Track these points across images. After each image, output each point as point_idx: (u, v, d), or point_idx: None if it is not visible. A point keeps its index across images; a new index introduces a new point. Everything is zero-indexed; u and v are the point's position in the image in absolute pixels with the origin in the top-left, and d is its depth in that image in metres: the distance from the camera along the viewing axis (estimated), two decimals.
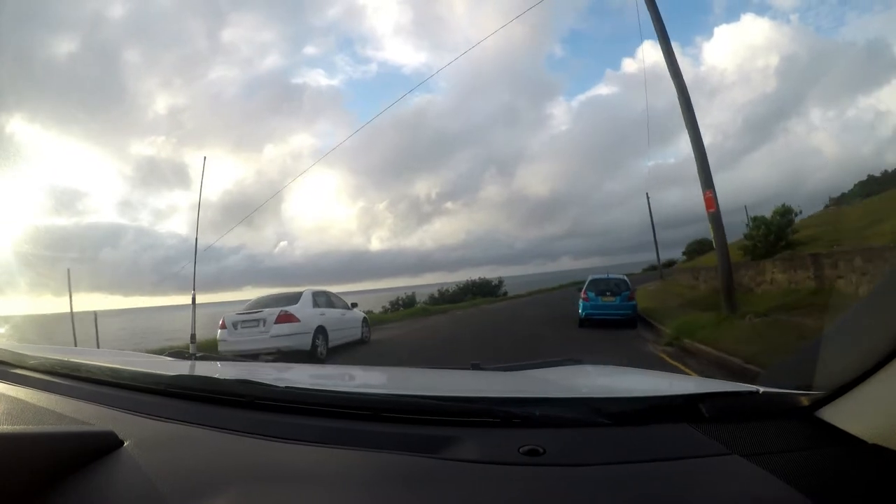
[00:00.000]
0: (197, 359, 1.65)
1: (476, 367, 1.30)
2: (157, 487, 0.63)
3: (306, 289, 8.92)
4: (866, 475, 0.60)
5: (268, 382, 0.89)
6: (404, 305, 23.50)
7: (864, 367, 0.60)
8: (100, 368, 1.11)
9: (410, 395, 0.89)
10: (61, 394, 0.98)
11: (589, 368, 1.33)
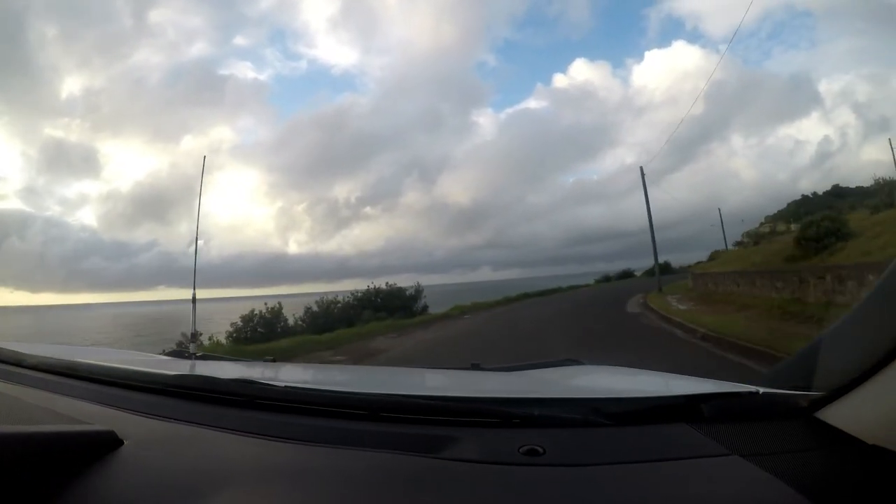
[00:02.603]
0: (197, 358, 1.65)
1: (476, 366, 1.31)
2: (158, 487, 0.63)
3: None
4: (866, 476, 0.60)
5: (268, 382, 0.89)
6: (262, 326, 14.17)
7: (864, 367, 0.60)
8: (100, 367, 1.11)
9: (410, 395, 0.88)
10: (61, 393, 0.98)
11: (589, 368, 1.33)
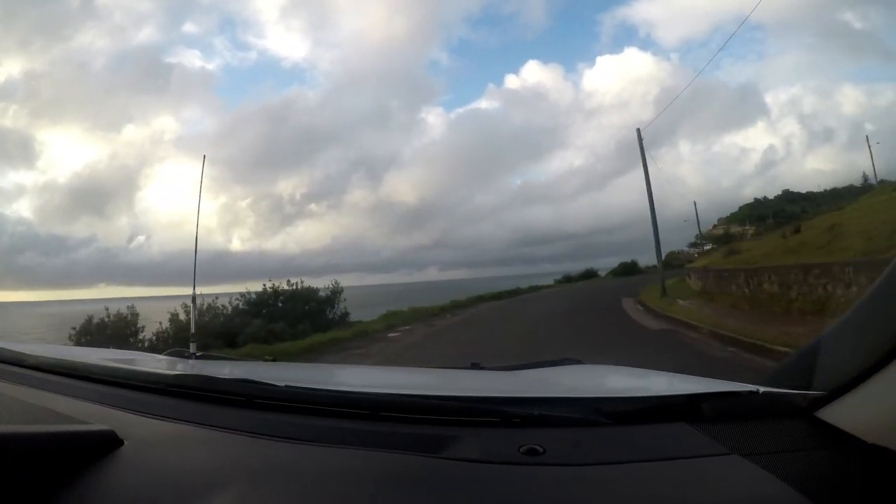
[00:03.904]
0: (197, 358, 1.65)
1: (476, 366, 1.31)
2: (158, 487, 0.63)
3: None
4: (866, 475, 0.60)
5: (268, 382, 0.88)
6: (113, 339, 10.21)
7: (864, 367, 0.60)
8: (100, 367, 1.11)
9: (410, 394, 0.88)
10: (61, 393, 0.98)
11: (589, 368, 1.33)
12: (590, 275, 48.08)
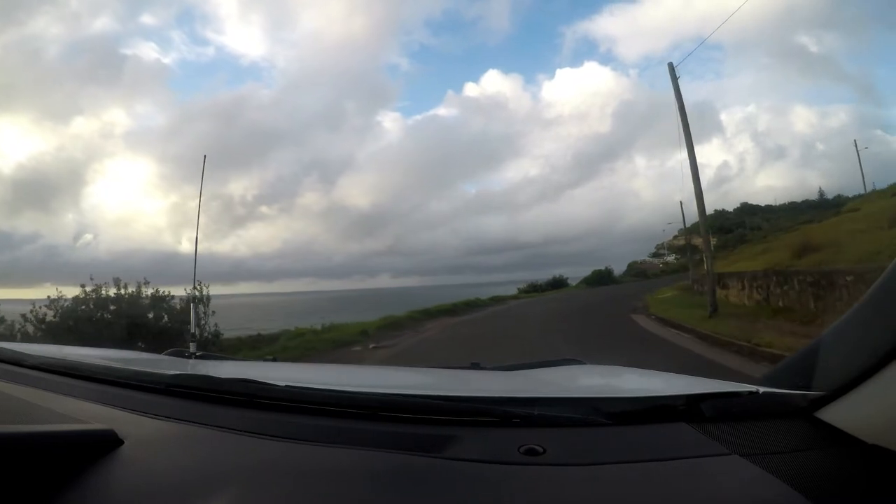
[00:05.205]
0: (197, 357, 1.64)
1: (476, 366, 1.31)
2: (157, 486, 0.63)
3: None
4: (866, 475, 0.60)
5: (268, 381, 0.88)
6: None
7: (864, 367, 0.60)
8: (100, 367, 1.11)
9: (410, 394, 0.88)
10: (61, 392, 0.98)
11: (589, 368, 1.33)
12: (559, 284, 42.77)
